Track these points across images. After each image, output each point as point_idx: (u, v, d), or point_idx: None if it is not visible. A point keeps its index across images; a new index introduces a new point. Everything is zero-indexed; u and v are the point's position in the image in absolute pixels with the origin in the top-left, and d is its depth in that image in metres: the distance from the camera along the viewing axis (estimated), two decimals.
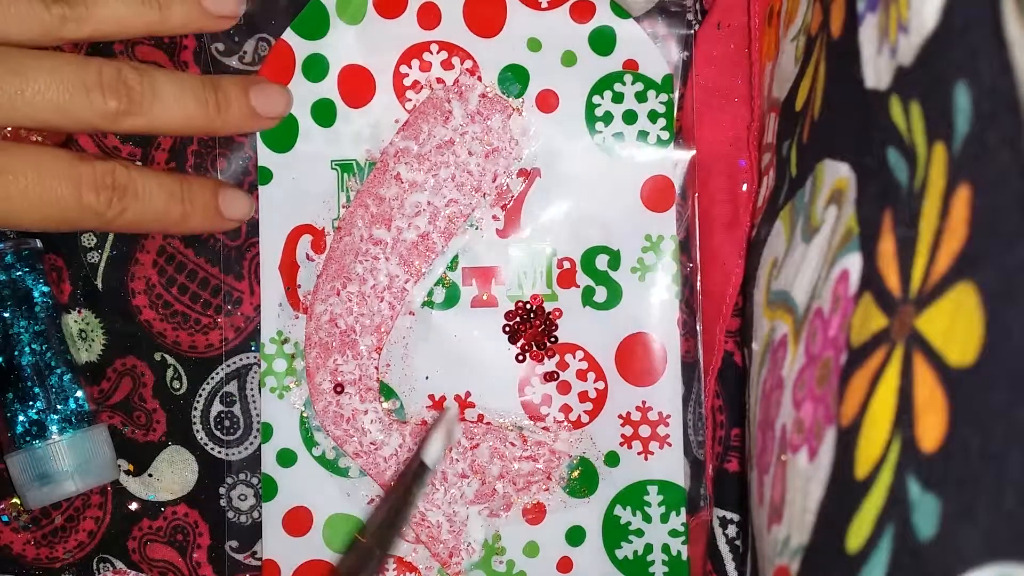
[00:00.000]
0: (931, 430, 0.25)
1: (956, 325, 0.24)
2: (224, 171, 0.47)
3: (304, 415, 0.47)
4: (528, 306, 0.47)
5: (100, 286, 0.48)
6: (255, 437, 0.47)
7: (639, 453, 0.46)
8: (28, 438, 0.45)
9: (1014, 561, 0.22)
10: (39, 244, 0.47)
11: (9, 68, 0.40)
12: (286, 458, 0.47)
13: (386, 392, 0.47)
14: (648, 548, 0.46)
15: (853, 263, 0.31)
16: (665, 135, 0.46)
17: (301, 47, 0.46)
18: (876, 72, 0.30)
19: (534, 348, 0.47)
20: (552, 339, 0.47)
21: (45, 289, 0.46)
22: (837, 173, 0.33)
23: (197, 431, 0.48)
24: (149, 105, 0.43)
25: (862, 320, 0.29)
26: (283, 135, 0.46)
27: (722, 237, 0.46)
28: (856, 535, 0.27)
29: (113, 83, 0.42)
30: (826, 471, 0.30)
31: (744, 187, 0.45)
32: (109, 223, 0.43)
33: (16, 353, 0.45)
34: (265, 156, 0.47)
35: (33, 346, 0.45)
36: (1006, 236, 0.23)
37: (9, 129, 0.43)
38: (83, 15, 0.42)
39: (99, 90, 0.41)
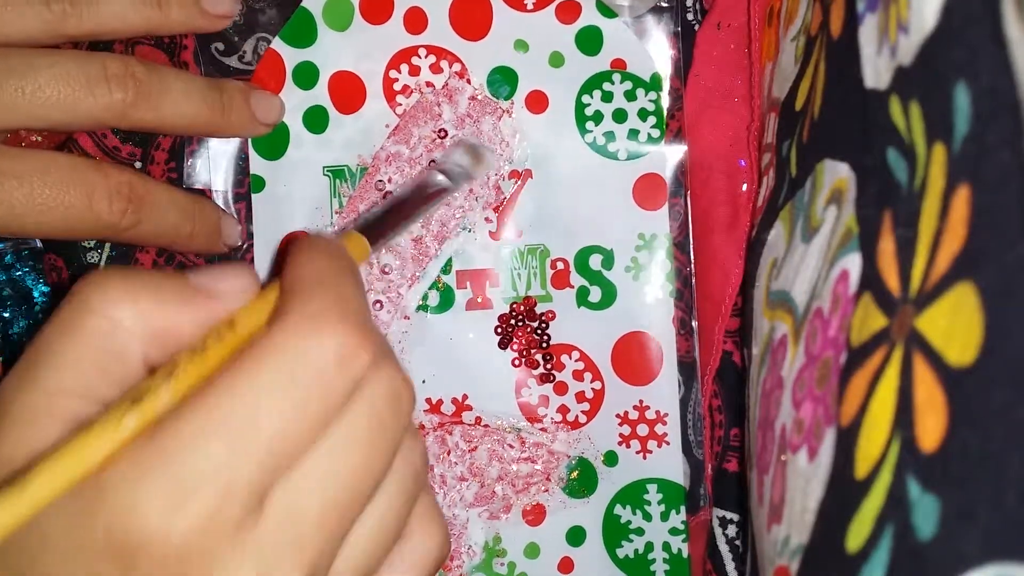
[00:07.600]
0: (931, 430, 0.25)
1: (956, 325, 0.24)
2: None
3: None
4: (523, 308, 0.46)
5: None
6: None
7: (637, 452, 0.46)
8: None
9: (1014, 561, 0.22)
10: (39, 244, 0.46)
11: (7, 67, 0.39)
12: None
13: None
14: (649, 546, 0.46)
15: (853, 263, 0.31)
16: (655, 133, 0.46)
17: (291, 55, 0.46)
18: (876, 72, 0.30)
19: (530, 350, 0.47)
20: (547, 340, 0.46)
21: (45, 289, 0.46)
22: (837, 173, 0.33)
23: None
24: (158, 98, 0.41)
25: (862, 320, 0.29)
26: (275, 143, 0.46)
27: (722, 238, 0.46)
28: (856, 535, 0.27)
29: (120, 75, 0.41)
30: (826, 471, 0.30)
31: (744, 187, 0.45)
32: (120, 234, 0.42)
33: (16, 353, 0.45)
34: (257, 164, 0.46)
35: None
36: (1006, 236, 0.23)
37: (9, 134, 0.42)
38: (85, 11, 0.41)
39: (104, 83, 0.40)
